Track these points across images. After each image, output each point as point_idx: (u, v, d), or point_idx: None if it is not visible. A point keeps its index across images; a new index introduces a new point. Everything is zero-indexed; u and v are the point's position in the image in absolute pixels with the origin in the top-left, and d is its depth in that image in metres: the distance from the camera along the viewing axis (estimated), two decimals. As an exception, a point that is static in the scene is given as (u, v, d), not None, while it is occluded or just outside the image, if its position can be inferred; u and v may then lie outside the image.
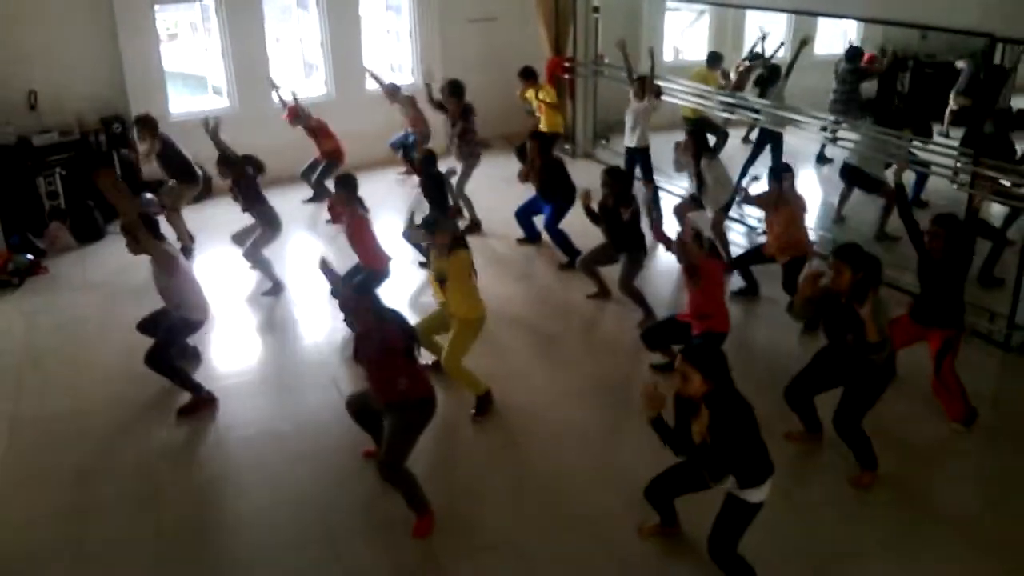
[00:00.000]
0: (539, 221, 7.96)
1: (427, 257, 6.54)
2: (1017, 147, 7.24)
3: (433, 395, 4.46)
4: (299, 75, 10.82)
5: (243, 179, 7.05)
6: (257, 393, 5.85)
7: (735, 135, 10.38)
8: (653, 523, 4.34)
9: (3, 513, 4.71)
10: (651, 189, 7.59)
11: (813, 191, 9.29)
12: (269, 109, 9.49)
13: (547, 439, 5.24)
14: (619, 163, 8.59)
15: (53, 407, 5.70)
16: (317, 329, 6.73)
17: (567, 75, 10.64)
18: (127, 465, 5.09)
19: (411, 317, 5.20)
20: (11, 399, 5.81)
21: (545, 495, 4.71)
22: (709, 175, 7.21)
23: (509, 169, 9.33)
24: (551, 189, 7.63)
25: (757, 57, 10.14)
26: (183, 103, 10.09)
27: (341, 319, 4.51)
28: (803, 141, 9.10)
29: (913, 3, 6.60)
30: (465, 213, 8.52)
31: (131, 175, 8.81)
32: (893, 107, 8.97)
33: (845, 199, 8.27)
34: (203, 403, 5.59)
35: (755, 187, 6.81)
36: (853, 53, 9.82)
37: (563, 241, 7.63)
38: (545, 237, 7.91)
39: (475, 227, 8.40)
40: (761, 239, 7.58)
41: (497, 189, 9.16)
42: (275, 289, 7.25)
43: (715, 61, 10.18)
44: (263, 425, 5.45)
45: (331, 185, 7.65)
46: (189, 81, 11.62)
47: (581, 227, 7.24)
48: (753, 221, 8.47)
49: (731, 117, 9.30)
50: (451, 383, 5.54)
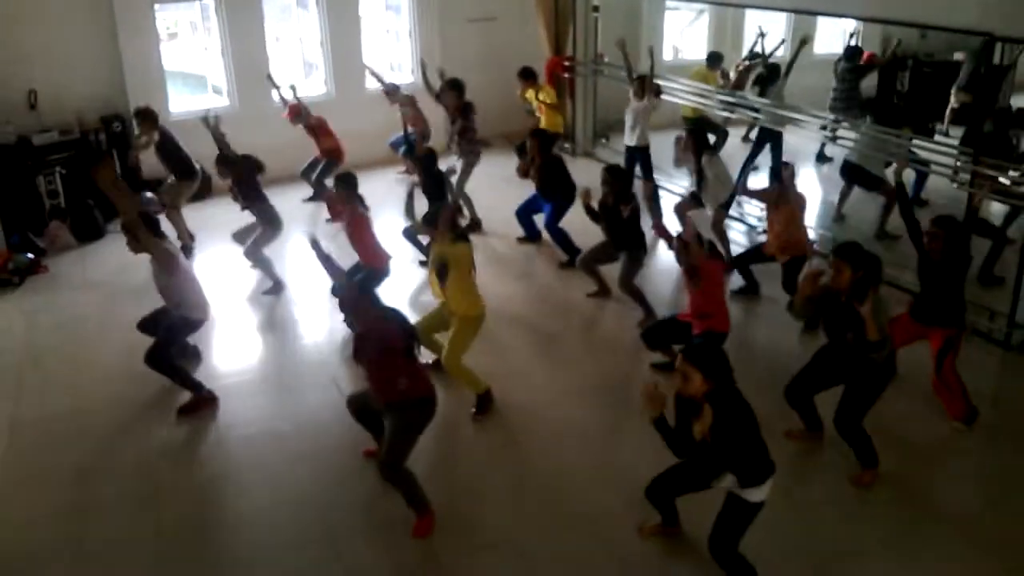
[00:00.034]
0: (539, 220, 7.96)
1: (427, 255, 6.54)
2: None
3: (433, 395, 4.45)
4: (299, 74, 10.81)
5: (243, 178, 7.06)
6: (257, 392, 5.85)
7: (735, 134, 10.39)
8: (654, 522, 4.34)
9: (3, 512, 4.71)
10: (651, 188, 7.58)
11: (813, 190, 9.28)
12: (269, 108, 9.49)
13: (547, 438, 5.24)
14: (619, 162, 8.57)
15: (53, 406, 5.70)
16: (317, 328, 6.73)
17: (567, 74, 10.64)
18: (127, 464, 5.09)
19: (411, 316, 5.19)
20: (11, 398, 5.81)
21: (545, 494, 4.71)
22: (710, 171, 7.21)
23: (509, 168, 9.32)
24: (551, 188, 7.63)
25: (757, 56, 10.14)
26: (183, 102, 10.09)
27: (341, 319, 4.50)
28: (803, 140, 9.10)
29: (912, 2, 6.60)
30: (465, 212, 8.52)
31: (131, 174, 8.80)
32: (893, 105, 8.96)
33: (845, 197, 8.26)
34: (203, 402, 5.59)
35: (754, 179, 6.80)
36: (852, 52, 9.82)
37: (563, 240, 7.63)
38: (545, 236, 7.91)
39: (475, 226, 8.40)
40: (762, 238, 7.58)
41: (497, 188, 9.16)
42: (276, 288, 7.25)
43: (715, 61, 10.17)
44: (263, 424, 5.46)
45: (331, 184, 7.64)
46: (189, 80, 11.62)
47: (581, 226, 7.24)
48: (753, 220, 8.48)
49: (731, 116, 9.30)
50: (451, 382, 5.54)
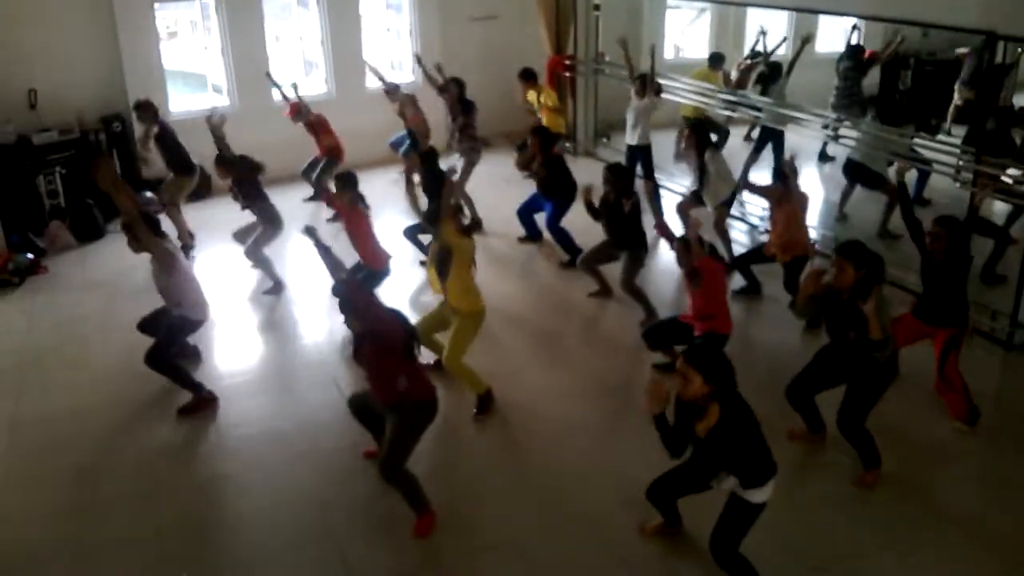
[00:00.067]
0: (540, 219, 7.95)
1: (427, 254, 6.53)
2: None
3: (434, 396, 4.43)
4: (299, 73, 10.81)
5: (242, 178, 7.04)
6: (258, 392, 5.84)
7: (736, 133, 10.36)
8: (655, 523, 4.33)
9: (3, 512, 4.70)
10: (652, 187, 7.57)
11: (815, 189, 9.26)
12: (269, 107, 9.49)
13: (548, 438, 5.23)
14: (620, 161, 8.56)
15: (53, 406, 5.70)
16: (318, 328, 6.72)
17: (568, 73, 10.63)
18: (128, 464, 5.09)
19: (411, 316, 5.18)
20: (11, 398, 5.80)
21: (546, 494, 4.70)
22: (712, 167, 7.20)
23: (509, 168, 9.32)
24: (552, 187, 7.62)
25: (759, 55, 10.11)
26: (183, 101, 10.08)
27: (341, 320, 4.48)
28: (805, 139, 9.08)
29: (914, 1, 6.58)
30: (466, 211, 8.50)
31: (131, 173, 8.80)
32: (895, 103, 8.93)
33: (847, 197, 8.24)
34: (204, 402, 5.58)
35: (755, 174, 6.78)
36: (854, 50, 9.79)
37: (565, 239, 7.62)
38: (546, 235, 7.90)
39: (476, 225, 8.38)
40: (764, 238, 7.57)
41: (497, 187, 9.15)
42: (276, 288, 7.24)
43: (717, 62, 10.13)
44: (264, 424, 5.45)
45: (331, 183, 7.63)
46: (189, 79, 11.62)
47: (583, 225, 7.23)
48: (755, 219, 8.46)
49: (733, 115, 9.27)
50: (452, 383, 5.53)
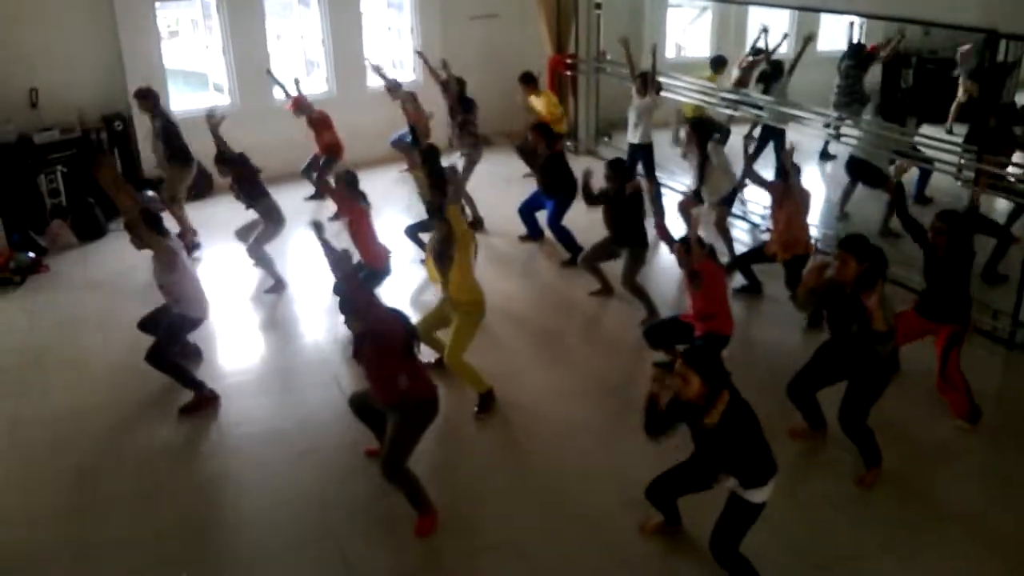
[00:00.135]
0: (541, 217, 7.94)
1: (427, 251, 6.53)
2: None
3: (435, 395, 4.43)
4: (301, 72, 10.80)
5: (242, 176, 7.04)
6: (259, 391, 5.84)
7: (737, 132, 10.33)
8: (655, 521, 4.32)
9: (3, 513, 4.70)
10: (653, 187, 7.55)
11: (816, 187, 9.24)
12: (270, 107, 9.47)
13: (549, 438, 5.22)
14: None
15: (54, 405, 5.70)
16: (319, 327, 6.71)
17: (569, 72, 10.62)
18: (128, 464, 5.09)
19: (412, 315, 5.17)
20: (12, 398, 5.81)
21: (547, 495, 4.70)
22: (715, 158, 7.20)
23: (510, 167, 9.33)
24: (554, 185, 7.61)
25: (760, 52, 10.09)
26: (184, 100, 10.08)
27: (342, 320, 4.48)
28: (807, 138, 9.07)
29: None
30: (467, 210, 8.50)
31: (133, 172, 8.79)
32: (897, 100, 8.92)
33: (848, 195, 8.22)
34: (205, 401, 5.58)
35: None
36: (856, 49, 9.77)
37: (566, 237, 7.61)
38: (547, 234, 7.89)
39: (477, 224, 8.39)
40: (764, 236, 7.55)
41: (498, 187, 9.15)
42: (277, 287, 7.24)
43: (719, 65, 10.11)
44: (265, 423, 5.45)
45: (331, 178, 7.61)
46: (190, 78, 11.63)
47: (584, 223, 7.23)
48: (756, 218, 8.45)
49: (734, 114, 9.25)
50: (453, 382, 5.53)
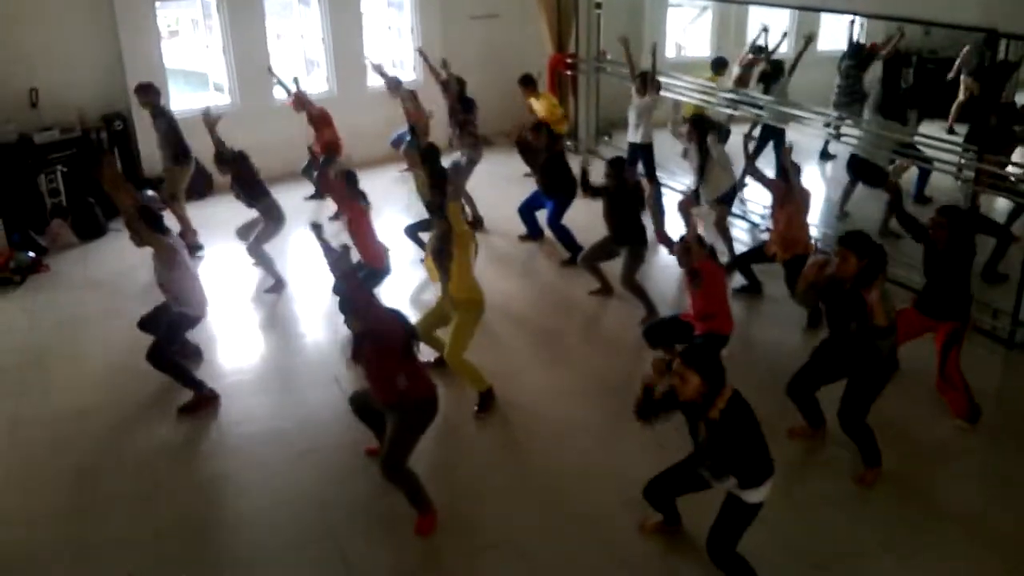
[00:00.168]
0: (541, 217, 7.94)
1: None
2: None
3: (435, 394, 4.43)
4: (301, 72, 10.80)
5: (242, 175, 7.04)
6: (259, 391, 5.84)
7: (737, 132, 10.32)
8: (655, 521, 4.33)
9: (3, 513, 4.70)
10: (653, 186, 7.56)
11: (817, 187, 9.24)
12: (270, 106, 9.47)
13: (548, 438, 5.22)
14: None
15: (54, 405, 5.70)
16: (319, 327, 6.71)
17: (569, 72, 10.62)
18: (128, 463, 5.09)
19: (411, 315, 5.18)
20: (12, 398, 5.81)
21: (546, 494, 4.70)
22: (715, 151, 7.20)
23: (510, 166, 9.32)
24: (553, 184, 7.62)
25: (760, 49, 10.09)
26: (184, 100, 10.08)
27: (342, 320, 4.48)
28: (807, 138, 9.06)
29: (915, -1, 6.58)
30: (467, 210, 8.51)
31: (133, 171, 8.79)
32: (898, 99, 8.92)
33: (848, 194, 8.22)
34: (205, 400, 5.58)
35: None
36: (856, 49, 9.77)
37: (566, 237, 7.61)
38: (547, 233, 7.90)
39: (477, 224, 8.39)
40: (764, 236, 7.55)
41: (498, 186, 9.15)
42: (277, 286, 7.24)
43: (720, 66, 10.10)
44: (265, 423, 5.45)
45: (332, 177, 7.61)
46: (190, 78, 11.63)
47: (584, 223, 7.22)
48: (756, 218, 8.45)
49: (734, 114, 9.25)
50: (452, 381, 5.53)
